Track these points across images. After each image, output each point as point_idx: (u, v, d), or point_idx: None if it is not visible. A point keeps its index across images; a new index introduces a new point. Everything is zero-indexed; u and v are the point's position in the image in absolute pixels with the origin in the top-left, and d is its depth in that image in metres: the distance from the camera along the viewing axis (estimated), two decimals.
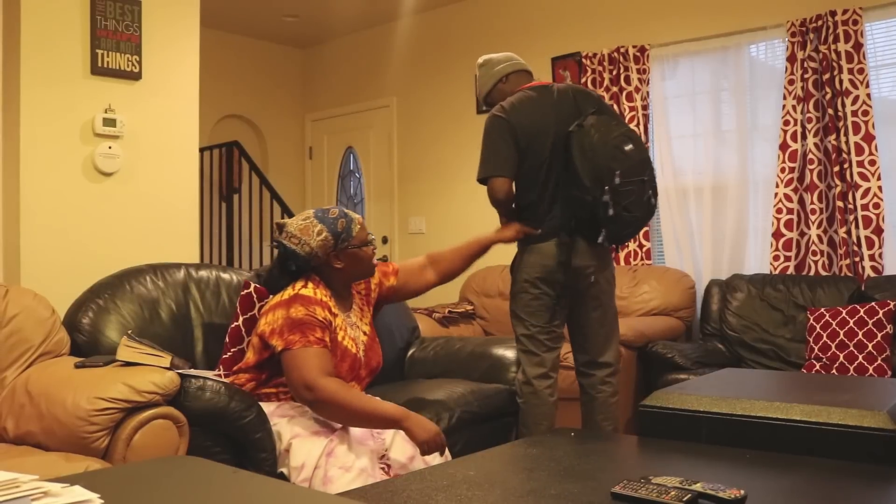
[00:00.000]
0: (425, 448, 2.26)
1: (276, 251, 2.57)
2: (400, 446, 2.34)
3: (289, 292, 2.43)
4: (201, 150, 5.58)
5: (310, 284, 2.46)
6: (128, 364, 2.30)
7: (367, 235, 2.55)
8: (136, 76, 3.31)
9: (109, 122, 3.22)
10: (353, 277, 2.56)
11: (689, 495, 1.46)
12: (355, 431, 2.32)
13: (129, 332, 2.47)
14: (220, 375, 2.48)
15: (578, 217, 2.87)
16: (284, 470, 2.28)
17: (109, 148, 3.23)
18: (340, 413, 2.26)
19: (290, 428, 2.33)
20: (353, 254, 2.50)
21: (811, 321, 3.87)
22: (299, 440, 2.28)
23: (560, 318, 2.96)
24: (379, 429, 2.32)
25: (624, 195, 2.76)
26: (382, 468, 2.29)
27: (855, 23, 4.03)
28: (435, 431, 2.27)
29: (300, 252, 2.45)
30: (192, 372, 2.31)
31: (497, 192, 2.91)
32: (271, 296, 2.54)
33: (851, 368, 3.66)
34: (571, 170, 2.82)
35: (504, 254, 5.26)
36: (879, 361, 3.63)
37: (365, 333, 2.59)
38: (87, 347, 2.58)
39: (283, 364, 2.34)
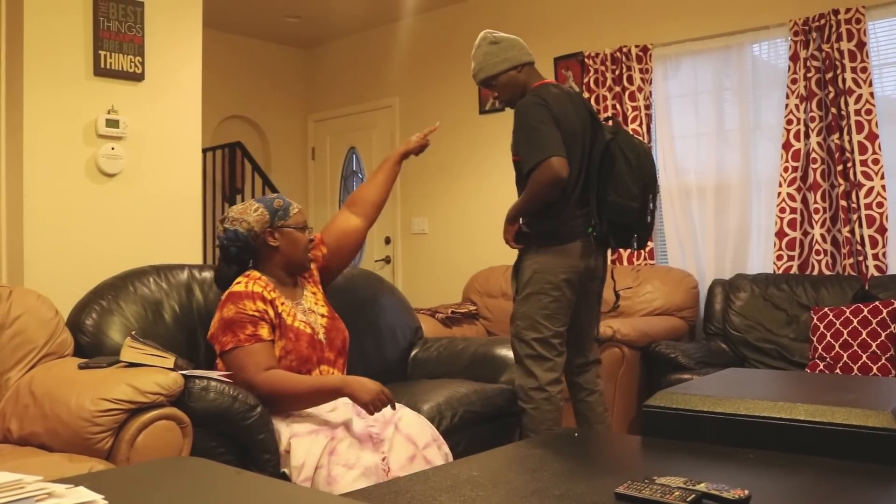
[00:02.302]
0: (371, 408, 2.29)
1: (218, 249, 2.63)
2: (399, 449, 2.34)
3: (226, 294, 2.49)
4: (204, 151, 5.57)
5: (242, 280, 2.50)
6: (131, 365, 2.30)
7: (304, 221, 2.60)
8: (138, 77, 3.31)
9: (112, 124, 3.23)
10: (290, 262, 2.58)
11: (693, 495, 1.46)
12: (355, 430, 2.33)
13: (133, 332, 2.47)
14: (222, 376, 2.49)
15: (614, 222, 2.88)
16: (286, 470, 2.28)
17: (112, 149, 3.23)
18: (287, 400, 2.34)
19: (288, 428, 2.34)
20: (289, 234, 2.55)
21: (815, 321, 3.86)
22: (298, 440, 2.29)
23: (568, 321, 2.97)
24: (326, 402, 2.37)
25: (655, 203, 2.92)
26: (382, 470, 2.29)
27: (858, 21, 4.02)
28: (377, 390, 2.30)
29: (240, 230, 2.52)
30: (196, 373, 2.31)
31: (563, 170, 2.73)
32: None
33: (855, 368, 3.66)
34: (615, 176, 2.83)
35: (505, 254, 5.26)
36: (883, 361, 3.62)
37: (323, 316, 2.61)
38: (91, 348, 2.59)
39: (226, 368, 2.42)
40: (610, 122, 2.97)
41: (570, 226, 2.88)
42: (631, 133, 2.95)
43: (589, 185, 2.90)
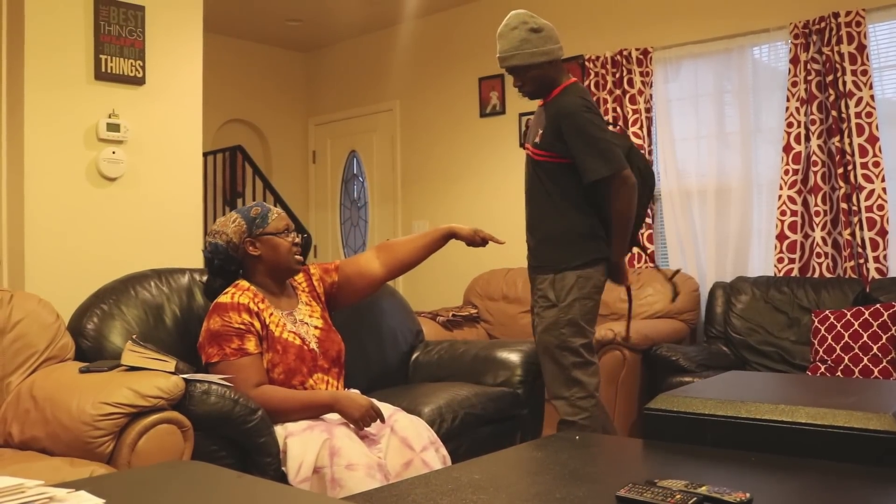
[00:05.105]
0: (360, 425, 2.32)
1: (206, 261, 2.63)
2: (394, 453, 2.33)
3: (212, 305, 2.49)
4: (205, 155, 5.58)
5: (230, 290, 2.49)
6: (132, 369, 2.30)
7: (284, 226, 2.57)
8: (139, 81, 3.32)
9: (113, 127, 3.23)
10: (276, 269, 2.55)
11: (695, 498, 1.46)
12: (351, 426, 2.34)
13: (134, 336, 2.47)
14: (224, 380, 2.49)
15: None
16: (284, 469, 2.28)
17: (113, 153, 3.24)
18: (279, 415, 2.35)
19: (282, 429, 2.35)
20: (269, 241, 2.53)
21: (816, 323, 3.86)
22: (293, 439, 2.29)
23: None
24: (317, 416, 2.38)
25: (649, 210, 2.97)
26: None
27: (858, 24, 4.03)
28: (366, 406, 2.33)
29: (220, 242, 2.52)
30: (197, 376, 2.31)
31: (634, 179, 2.74)
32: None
33: (856, 371, 3.65)
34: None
35: (506, 256, 5.26)
36: (884, 363, 3.62)
37: (317, 328, 2.58)
38: (92, 352, 2.59)
39: None
40: (618, 129, 2.99)
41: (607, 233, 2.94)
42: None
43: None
